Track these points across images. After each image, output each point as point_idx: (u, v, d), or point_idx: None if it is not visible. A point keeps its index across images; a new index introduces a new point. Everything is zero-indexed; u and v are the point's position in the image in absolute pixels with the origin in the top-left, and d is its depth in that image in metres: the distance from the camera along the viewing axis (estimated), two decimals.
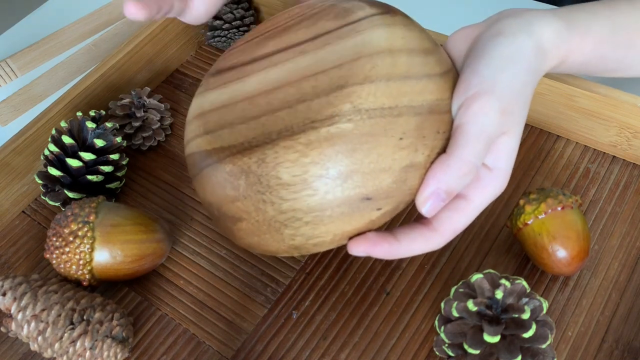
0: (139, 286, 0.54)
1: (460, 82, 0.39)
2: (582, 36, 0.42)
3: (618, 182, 0.55)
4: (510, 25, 0.40)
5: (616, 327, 0.48)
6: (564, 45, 0.41)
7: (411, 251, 0.38)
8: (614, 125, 0.54)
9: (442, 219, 0.38)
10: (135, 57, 0.67)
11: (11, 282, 0.48)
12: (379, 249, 0.38)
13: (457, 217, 0.38)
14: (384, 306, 0.50)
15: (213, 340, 0.50)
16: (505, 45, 0.39)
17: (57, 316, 0.47)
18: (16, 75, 0.75)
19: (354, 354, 0.48)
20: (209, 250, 0.56)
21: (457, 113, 0.38)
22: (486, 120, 0.37)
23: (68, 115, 0.62)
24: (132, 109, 0.63)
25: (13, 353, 0.51)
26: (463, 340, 0.44)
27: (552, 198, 0.47)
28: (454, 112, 0.38)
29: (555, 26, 0.40)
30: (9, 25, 0.82)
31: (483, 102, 0.37)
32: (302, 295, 0.52)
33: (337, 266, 0.53)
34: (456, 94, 0.38)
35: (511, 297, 0.44)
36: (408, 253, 0.38)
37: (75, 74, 0.75)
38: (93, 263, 0.50)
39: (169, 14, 0.47)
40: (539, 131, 0.59)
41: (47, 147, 0.57)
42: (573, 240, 0.47)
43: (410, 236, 0.38)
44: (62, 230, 0.50)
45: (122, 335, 0.48)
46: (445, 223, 0.38)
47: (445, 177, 0.36)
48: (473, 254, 0.53)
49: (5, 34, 0.81)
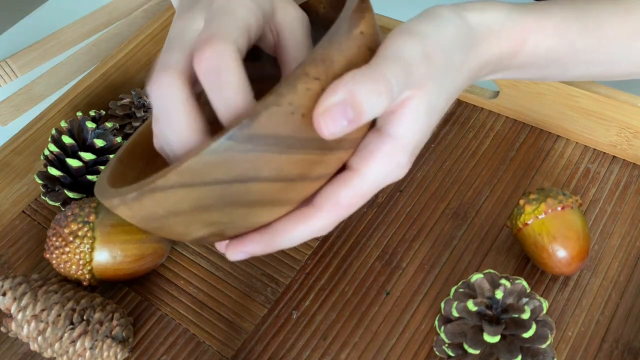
0: (139, 286, 0.54)
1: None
2: (539, 17, 0.37)
3: (618, 182, 0.55)
4: (437, 8, 0.35)
5: (616, 327, 0.48)
6: (514, 25, 0.36)
7: (291, 236, 0.32)
8: (614, 125, 0.54)
9: (322, 192, 0.31)
10: (136, 57, 0.67)
11: (11, 282, 0.48)
12: (249, 243, 0.32)
13: (339, 190, 0.31)
14: (384, 306, 0.51)
15: (213, 340, 0.50)
16: (428, 14, 0.34)
17: (57, 316, 0.47)
18: (16, 75, 0.75)
19: (354, 354, 0.48)
20: (209, 250, 0.56)
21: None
22: (407, 51, 0.30)
23: (68, 115, 0.62)
24: (132, 109, 0.63)
25: (13, 353, 0.51)
26: (463, 340, 0.44)
27: (552, 198, 0.47)
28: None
29: (498, 10, 0.36)
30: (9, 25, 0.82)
31: (404, 37, 0.31)
32: (302, 295, 0.52)
33: (337, 266, 0.53)
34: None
35: (511, 297, 0.44)
36: (288, 238, 0.32)
37: (75, 74, 0.75)
38: (93, 263, 0.50)
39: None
40: (539, 131, 0.59)
41: (47, 147, 0.57)
42: (573, 240, 0.47)
43: (288, 220, 0.32)
44: (62, 230, 0.50)
45: (122, 335, 0.48)
46: (327, 197, 0.31)
47: (358, 88, 0.28)
48: (473, 254, 0.53)
49: (5, 34, 0.81)
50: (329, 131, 0.28)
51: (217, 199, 0.29)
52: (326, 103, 0.28)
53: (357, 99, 0.28)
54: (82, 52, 0.76)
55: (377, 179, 0.32)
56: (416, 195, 0.57)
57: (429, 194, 0.56)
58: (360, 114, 0.28)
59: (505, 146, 0.59)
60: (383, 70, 0.29)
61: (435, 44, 0.32)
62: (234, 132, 0.26)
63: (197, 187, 0.28)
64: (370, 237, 0.54)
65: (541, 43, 0.38)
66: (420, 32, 0.32)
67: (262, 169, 0.28)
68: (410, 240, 0.54)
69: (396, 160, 0.31)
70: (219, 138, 0.26)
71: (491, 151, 0.59)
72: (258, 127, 0.27)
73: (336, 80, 0.28)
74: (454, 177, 0.57)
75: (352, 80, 0.28)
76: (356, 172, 0.31)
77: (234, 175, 0.28)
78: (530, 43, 0.37)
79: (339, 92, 0.28)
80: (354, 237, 0.55)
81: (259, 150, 0.27)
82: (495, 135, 0.60)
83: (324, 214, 0.31)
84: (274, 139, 0.27)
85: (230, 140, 0.26)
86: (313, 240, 0.55)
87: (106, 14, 0.79)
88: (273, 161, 0.28)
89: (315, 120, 0.28)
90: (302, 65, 0.28)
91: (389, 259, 0.53)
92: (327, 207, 0.31)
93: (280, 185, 0.29)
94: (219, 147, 0.27)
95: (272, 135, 0.27)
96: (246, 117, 0.26)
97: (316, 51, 0.28)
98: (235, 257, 0.33)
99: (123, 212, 0.31)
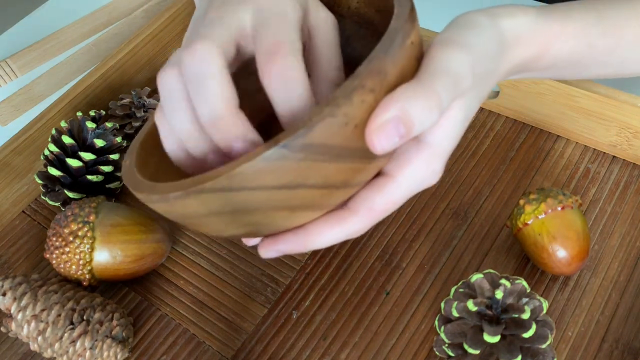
0: (139, 286, 0.54)
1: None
2: (564, 21, 0.38)
3: (618, 182, 0.55)
4: (473, 16, 0.35)
5: (616, 327, 0.48)
6: (541, 31, 0.37)
7: (324, 237, 0.32)
8: (614, 125, 0.54)
9: (357, 197, 0.32)
10: (135, 57, 0.67)
11: (11, 282, 0.48)
12: (283, 242, 0.33)
13: (374, 195, 0.32)
14: (384, 306, 0.51)
15: (213, 340, 0.50)
16: (466, 22, 0.34)
17: (57, 316, 0.47)
18: (16, 75, 0.75)
19: (354, 354, 0.48)
20: (209, 250, 0.56)
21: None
22: (456, 64, 0.31)
23: (68, 115, 0.62)
24: (132, 109, 0.63)
25: (13, 353, 0.51)
26: (463, 340, 0.44)
27: (552, 198, 0.47)
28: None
29: (527, 14, 0.37)
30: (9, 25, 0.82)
31: (452, 47, 0.31)
32: (302, 295, 0.52)
33: (337, 266, 0.53)
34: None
35: (511, 297, 0.44)
36: (322, 240, 0.32)
37: (75, 74, 0.75)
38: (93, 263, 0.50)
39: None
40: (539, 131, 0.59)
41: (47, 147, 0.57)
42: (573, 240, 0.47)
43: (322, 222, 0.32)
44: (62, 230, 0.50)
45: (122, 335, 0.48)
46: (362, 202, 0.32)
47: (410, 104, 0.28)
48: (473, 254, 0.53)
49: (5, 34, 0.81)
50: (382, 147, 0.28)
51: (262, 203, 0.29)
52: (380, 120, 0.28)
53: (410, 115, 0.28)
54: (82, 52, 0.76)
55: (412, 185, 0.32)
56: (416, 195, 0.57)
57: (429, 193, 0.56)
58: (411, 129, 0.29)
59: (505, 146, 0.59)
60: (434, 86, 0.29)
61: (479, 55, 0.32)
62: (289, 141, 0.27)
63: (245, 191, 0.28)
64: (370, 237, 0.54)
65: (564, 46, 0.38)
66: (466, 44, 0.32)
67: (310, 177, 0.29)
68: (410, 240, 0.54)
69: (432, 167, 0.32)
70: (273, 146, 0.27)
71: (491, 151, 0.59)
72: (312, 137, 0.27)
73: (389, 96, 0.28)
74: (454, 177, 0.57)
75: (405, 97, 0.28)
76: (392, 178, 0.32)
77: (282, 182, 0.28)
78: (554, 47, 0.38)
79: (392, 109, 0.28)
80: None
81: (309, 159, 0.28)
82: (495, 135, 0.60)
83: (358, 218, 0.32)
84: (325, 148, 0.28)
85: (285, 149, 0.27)
86: None
87: (106, 14, 0.79)
88: (322, 169, 0.29)
89: (368, 136, 0.28)
90: (359, 77, 0.28)
91: (389, 259, 0.53)
92: (361, 211, 0.32)
93: (324, 191, 0.30)
94: (273, 154, 0.27)
95: (324, 144, 0.28)
96: (302, 127, 0.27)
97: (372, 62, 0.28)
98: (267, 255, 0.34)
99: (160, 208, 0.31)
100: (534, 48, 0.37)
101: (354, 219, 0.32)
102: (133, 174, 0.34)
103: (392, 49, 0.29)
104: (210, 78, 0.30)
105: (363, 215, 0.32)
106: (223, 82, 0.30)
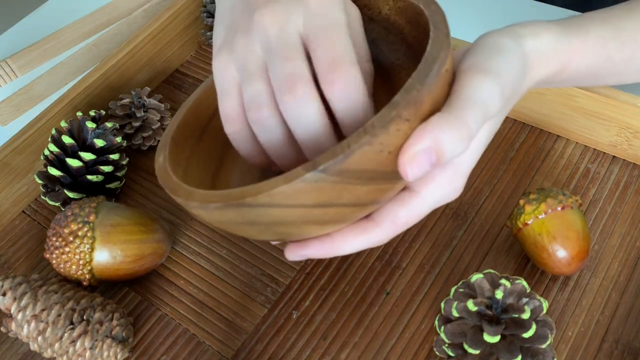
0: (139, 286, 0.54)
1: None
2: (584, 37, 0.40)
3: (618, 182, 0.55)
4: (497, 38, 0.36)
5: (616, 327, 0.48)
6: (563, 48, 0.38)
7: (348, 245, 0.34)
8: (614, 125, 0.54)
9: (382, 210, 0.34)
10: (135, 57, 0.67)
11: (11, 282, 0.48)
12: (310, 248, 0.35)
13: (398, 209, 0.33)
14: (384, 306, 0.50)
15: (213, 340, 0.50)
16: (493, 46, 0.35)
17: (57, 316, 0.47)
18: (16, 75, 0.75)
19: (354, 354, 0.48)
20: (209, 250, 0.56)
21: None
22: (486, 93, 0.32)
23: (68, 115, 0.62)
24: (132, 109, 0.63)
25: (13, 353, 0.51)
26: (463, 340, 0.44)
27: (552, 198, 0.47)
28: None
29: (549, 32, 0.38)
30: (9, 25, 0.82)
31: (483, 75, 0.32)
32: (302, 295, 0.52)
33: (337, 266, 0.53)
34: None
35: (511, 297, 0.44)
36: (345, 248, 0.34)
37: (75, 74, 0.75)
38: (93, 263, 0.50)
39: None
40: (539, 131, 0.59)
41: (47, 147, 0.57)
42: (573, 240, 0.47)
43: (348, 232, 0.34)
44: (62, 230, 0.50)
45: (122, 335, 0.48)
46: (386, 215, 0.34)
47: (442, 135, 0.29)
48: (473, 254, 0.53)
49: (5, 34, 0.81)
50: (413, 174, 0.30)
51: (296, 219, 0.31)
52: (413, 150, 0.30)
53: (442, 145, 0.30)
54: (82, 52, 0.76)
55: (435, 201, 0.34)
56: None
57: None
58: (442, 158, 0.30)
59: (505, 146, 0.59)
60: (465, 117, 0.30)
61: (508, 80, 0.33)
62: (327, 165, 0.28)
63: (281, 207, 0.30)
64: None
65: (583, 61, 0.40)
66: (494, 70, 0.33)
67: (343, 197, 0.30)
68: (410, 240, 0.54)
69: (454, 184, 0.34)
70: (312, 169, 0.28)
71: (491, 151, 0.59)
72: (349, 162, 0.29)
73: (422, 126, 0.30)
74: None
75: (438, 128, 0.30)
76: (416, 194, 0.33)
77: (317, 201, 0.30)
78: (574, 63, 0.39)
79: (425, 140, 0.29)
80: None
81: (344, 182, 0.30)
82: (495, 135, 0.60)
83: (381, 230, 0.34)
84: (359, 173, 0.30)
85: (323, 173, 0.28)
86: None
87: (106, 14, 0.79)
88: (354, 191, 0.30)
89: (401, 166, 0.30)
90: (397, 108, 0.29)
91: (389, 259, 0.53)
92: (385, 223, 0.34)
93: (354, 209, 0.32)
94: (312, 177, 0.29)
95: (359, 170, 0.29)
96: (341, 153, 0.28)
97: (410, 93, 0.29)
98: (293, 258, 0.35)
99: (198, 214, 0.33)
100: (555, 65, 0.38)
101: (378, 231, 0.34)
102: (169, 176, 0.35)
103: (429, 79, 0.30)
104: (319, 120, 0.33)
105: (386, 227, 0.34)
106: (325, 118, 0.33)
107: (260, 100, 0.34)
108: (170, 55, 0.71)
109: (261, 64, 0.34)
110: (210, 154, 0.42)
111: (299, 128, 0.33)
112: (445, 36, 0.32)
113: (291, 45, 0.33)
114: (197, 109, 0.41)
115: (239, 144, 0.37)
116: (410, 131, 0.30)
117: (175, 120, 0.40)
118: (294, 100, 0.32)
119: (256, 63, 0.34)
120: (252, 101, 0.34)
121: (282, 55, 0.33)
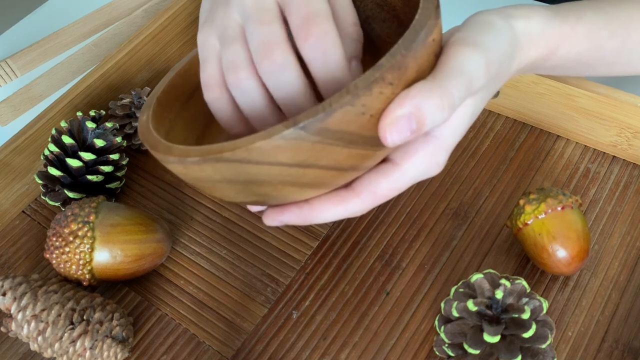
0: (139, 286, 0.54)
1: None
2: (574, 23, 0.39)
3: (618, 182, 0.55)
4: (487, 16, 0.36)
5: (616, 327, 0.48)
6: (552, 32, 0.38)
7: (326, 213, 0.34)
8: (614, 125, 0.54)
9: (362, 179, 0.34)
10: (135, 57, 0.67)
11: (11, 282, 0.48)
12: (287, 214, 0.34)
13: (378, 180, 0.33)
14: (384, 306, 0.51)
15: (213, 340, 0.50)
16: (483, 23, 0.35)
17: (57, 316, 0.47)
18: (16, 75, 0.75)
19: (354, 354, 0.48)
20: (209, 250, 0.56)
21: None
22: (471, 65, 0.32)
23: (68, 115, 0.62)
24: (132, 109, 0.63)
25: (13, 353, 0.51)
26: (463, 340, 0.44)
27: (552, 198, 0.47)
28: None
29: (540, 16, 0.38)
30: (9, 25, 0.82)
31: (470, 48, 0.32)
32: (302, 295, 0.52)
33: (337, 266, 0.53)
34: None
35: (511, 297, 0.44)
36: (323, 216, 0.34)
37: (75, 74, 0.75)
38: (93, 263, 0.50)
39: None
40: (539, 131, 0.59)
41: (47, 147, 0.57)
42: (573, 240, 0.47)
43: (326, 199, 0.34)
44: (62, 230, 0.50)
45: (122, 335, 0.48)
46: (367, 184, 0.33)
47: (424, 102, 0.29)
48: (473, 254, 0.53)
49: (5, 34, 0.81)
50: (393, 140, 0.30)
51: (274, 177, 0.31)
52: (394, 114, 0.29)
53: (423, 113, 0.30)
54: (82, 52, 0.76)
55: (416, 174, 0.34)
56: (416, 195, 0.57)
57: (429, 194, 0.56)
58: (422, 126, 0.30)
59: (505, 146, 0.59)
60: (449, 85, 0.30)
61: (494, 56, 0.33)
62: (307, 122, 0.28)
63: (259, 165, 0.30)
64: (370, 237, 0.54)
65: (572, 48, 0.39)
66: (482, 45, 0.33)
67: (322, 158, 0.30)
68: (410, 240, 0.54)
69: (436, 159, 0.34)
70: (292, 126, 0.28)
71: (491, 151, 0.59)
72: (330, 122, 0.28)
73: (405, 92, 0.30)
74: (454, 177, 0.57)
75: (420, 95, 0.29)
76: (397, 166, 0.33)
77: (296, 160, 0.30)
78: (563, 49, 0.39)
79: (407, 106, 0.29)
80: (354, 237, 0.55)
81: (324, 143, 0.29)
82: (495, 135, 0.60)
83: (360, 200, 0.34)
84: (340, 134, 0.29)
85: (302, 130, 0.28)
86: (313, 240, 0.55)
87: (106, 14, 0.79)
88: (334, 153, 0.30)
89: (381, 130, 0.30)
90: (380, 70, 0.29)
91: (389, 259, 0.53)
92: (364, 194, 0.33)
93: (333, 173, 0.32)
94: (291, 134, 0.28)
95: (339, 130, 0.29)
96: (321, 111, 0.28)
97: (395, 57, 0.29)
98: (271, 224, 0.35)
99: (176, 169, 0.33)
100: (544, 49, 0.38)
101: (356, 200, 0.34)
102: (150, 132, 0.35)
103: (415, 45, 0.30)
104: (295, 76, 0.33)
105: (365, 197, 0.34)
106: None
107: (238, 62, 0.34)
108: (170, 55, 0.70)
109: (239, 30, 0.34)
110: (194, 121, 0.42)
111: (279, 92, 0.33)
112: (435, 7, 0.31)
113: (267, 9, 0.33)
114: (185, 74, 0.41)
115: (219, 111, 0.37)
116: (393, 96, 0.29)
117: (162, 83, 0.40)
118: (272, 64, 0.32)
119: (234, 30, 0.34)
120: (229, 65, 0.34)
121: (258, 19, 0.33)
